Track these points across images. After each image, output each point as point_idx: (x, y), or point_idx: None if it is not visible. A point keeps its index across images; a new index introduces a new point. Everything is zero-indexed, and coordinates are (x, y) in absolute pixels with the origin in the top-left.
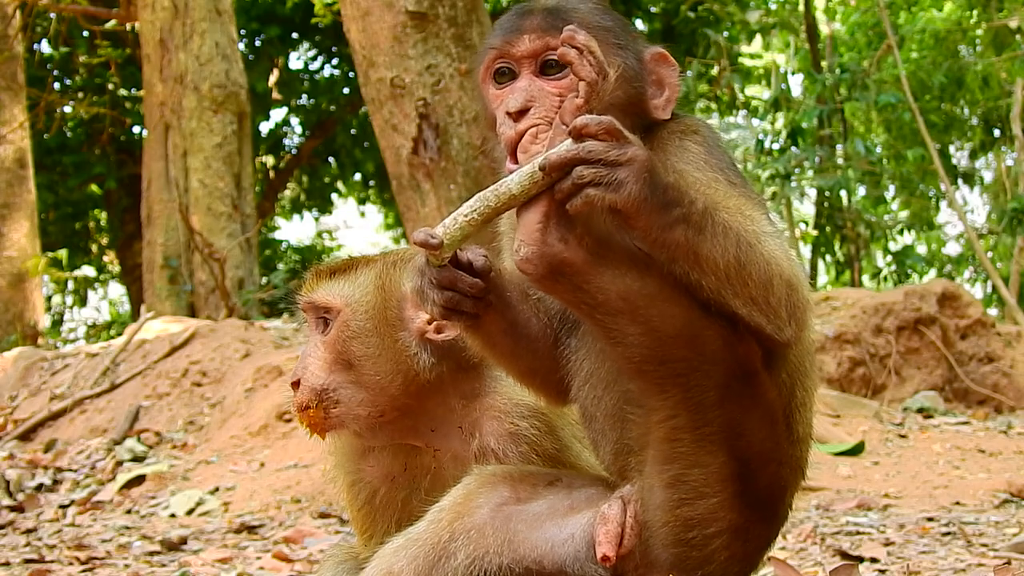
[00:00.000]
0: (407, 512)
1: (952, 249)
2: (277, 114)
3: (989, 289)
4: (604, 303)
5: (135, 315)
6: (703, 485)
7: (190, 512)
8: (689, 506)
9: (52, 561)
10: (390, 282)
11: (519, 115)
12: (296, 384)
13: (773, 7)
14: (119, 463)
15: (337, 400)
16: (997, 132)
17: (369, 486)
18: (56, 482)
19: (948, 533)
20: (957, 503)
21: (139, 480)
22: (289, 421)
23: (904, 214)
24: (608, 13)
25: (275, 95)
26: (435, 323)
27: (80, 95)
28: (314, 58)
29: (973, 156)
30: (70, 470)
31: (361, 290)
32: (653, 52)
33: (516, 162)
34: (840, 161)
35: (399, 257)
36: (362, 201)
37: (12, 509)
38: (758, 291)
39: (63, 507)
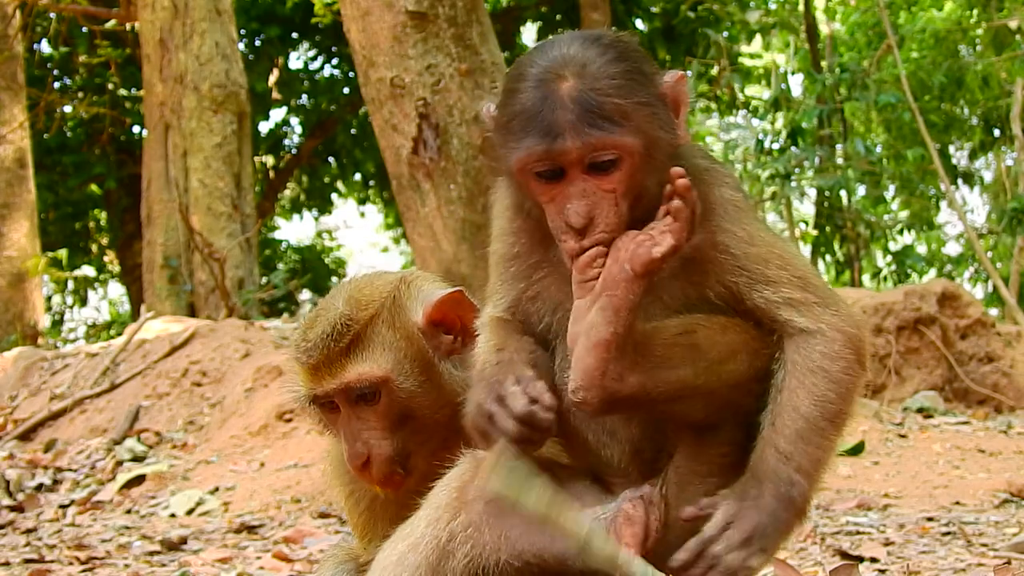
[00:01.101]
0: (406, 516)
1: (952, 249)
2: (277, 114)
3: (989, 289)
4: (662, 398)
5: (135, 315)
6: None
7: (190, 512)
8: None
9: (52, 561)
10: (406, 323)
11: (583, 229)
12: (366, 464)
13: (773, 7)
14: (119, 463)
15: (409, 454)
16: (997, 132)
17: (368, 494)
18: (56, 482)
19: (948, 533)
20: (957, 503)
21: (139, 480)
22: (289, 421)
23: (904, 214)
24: (628, 61)
25: (275, 95)
26: (456, 337)
27: (80, 95)
28: (314, 58)
29: (973, 156)
30: (70, 470)
31: (392, 348)
32: (672, 80)
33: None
34: (840, 161)
35: (387, 293)
36: (362, 201)
37: (12, 509)
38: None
39: (63, 507)
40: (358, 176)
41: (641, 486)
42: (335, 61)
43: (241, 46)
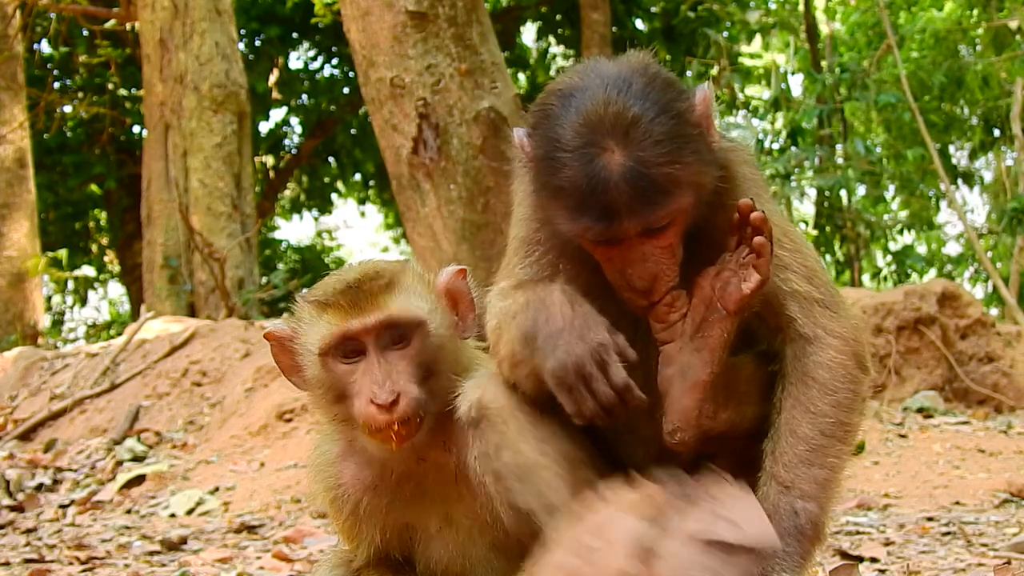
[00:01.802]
0: (392, 519)
1: (952, 249)
2: (277, 114)
3: (989, 289)
4: (745, 434)
5: (135, 315)
6: None
7: (190, 512)
8: None
9: (52, 561)
10: (431, 282)
11: (649, 289)
12: (394, 402)
13: (773, 7)
14: (119, 463)
15: (427, 410)
16: (997, 132)
17: (352, 498)
18: (56, 482)
19: (948, 533)
20: (957, 503)
21: (139, 480)
22: (289, 421)
23: (904, 214)
24: (667, 110)
25: (275, 95)
26: (460, 321)
27: (80, 95)
28: (314, 58)
29: (973, 156)
30: (70, 470)
31: (424, 299)
32: (701, 101)
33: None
34: (840, 161)
35: (405, 261)
36: (362, 201)
37: (12, 509)
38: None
39: (63, 507)
40: (358, 176)
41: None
42: (335, 61)
43: (241, 46)
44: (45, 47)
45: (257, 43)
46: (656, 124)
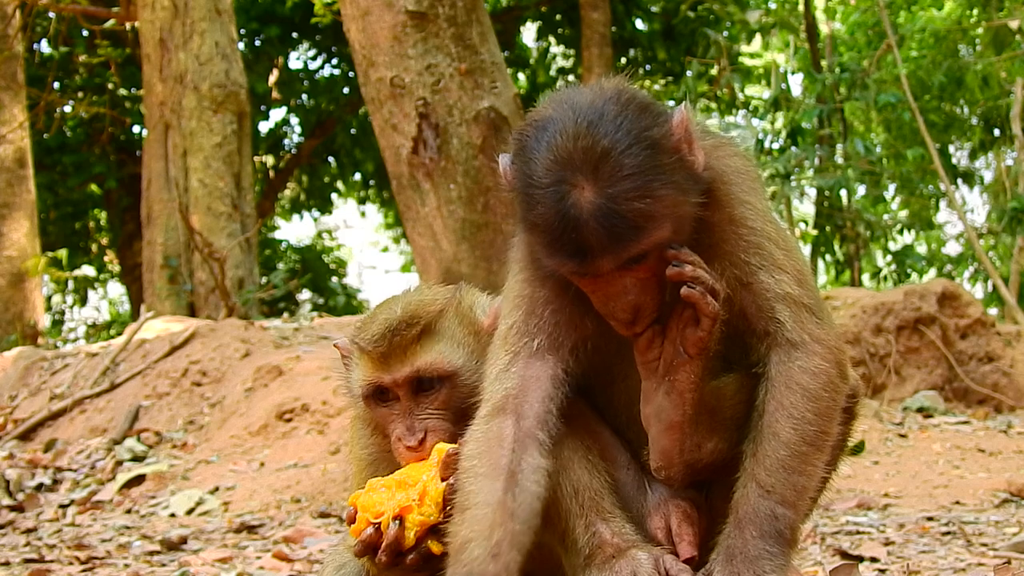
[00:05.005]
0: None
1: (952, 249)
2: (277, 114)
3: (989, 289)
4: (735, 456)
5: (135, 315)
6: None
7: (190, 512)
8: None
9: (52, 561)
10: (475, 322)
11: (632, 320)
12: (422, 440)
13: (773, 7)
14: (119, 463)
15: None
16: (997, 132)
17: (376, 464)
18: (56, 482)
19: (948, 533)
20: (957, 503)
21: (139, 480)
22: (289, 421)
23: (904, 214)
24: (640, 140)
25: (275, 95)
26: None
27: (80, 95)
28: (314, 58)
29: (973, 156)
30: (70, 470)
31: (464, 343)
32: (679, 123)
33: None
34: (840, 161)
35: (450, 295)
36: (362, 201)
37: (12, 509)
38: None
39: (63, 507)
40: (358, 176)
41: (686, 489)
42: (335, 61)
43: (241, 46)
44: (45, 47)
45: (257, 43)
46: (627, 157)
